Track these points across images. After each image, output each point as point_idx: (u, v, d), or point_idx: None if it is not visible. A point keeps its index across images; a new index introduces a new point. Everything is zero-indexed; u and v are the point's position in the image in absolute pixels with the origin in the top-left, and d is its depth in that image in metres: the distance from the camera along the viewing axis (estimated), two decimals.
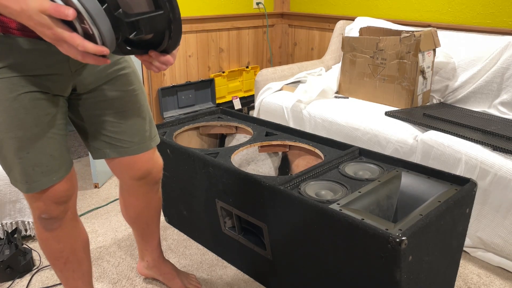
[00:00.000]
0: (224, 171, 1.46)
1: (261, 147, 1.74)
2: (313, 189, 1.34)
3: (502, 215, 1.60)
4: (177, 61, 3.02)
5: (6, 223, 1.77)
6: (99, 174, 2.33)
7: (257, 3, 3.38)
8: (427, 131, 1.89)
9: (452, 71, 2.26)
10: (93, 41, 0.77)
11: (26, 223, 1.79)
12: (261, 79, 2.59)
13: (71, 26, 0.77)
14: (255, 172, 1.85)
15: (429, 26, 2.51)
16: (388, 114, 2.08)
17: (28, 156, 0.97)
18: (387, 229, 1.06)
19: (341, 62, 2.52)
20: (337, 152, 1.58)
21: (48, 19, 0.75)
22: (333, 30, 3.00)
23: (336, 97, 2.46)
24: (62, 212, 1.09)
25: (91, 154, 1.18)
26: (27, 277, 1.63)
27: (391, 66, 2.23)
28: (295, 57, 3.55)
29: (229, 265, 1.71)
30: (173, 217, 1.94)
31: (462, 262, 1.71)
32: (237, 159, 1.81)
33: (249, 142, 1.70)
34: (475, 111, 2.15)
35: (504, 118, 2.03)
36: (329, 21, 3.18)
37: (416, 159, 1.86)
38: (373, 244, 1.07)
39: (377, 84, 2.32)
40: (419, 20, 2.64)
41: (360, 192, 1.30)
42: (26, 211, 1.78)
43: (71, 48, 0.78)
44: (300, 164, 1.76)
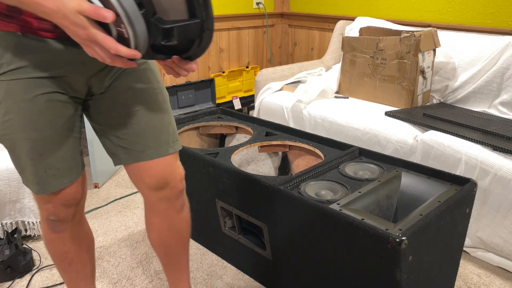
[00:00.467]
0: (224, 171, 1.46)
1: (261, 147, 1.74)
2: (313, 189, 1.34)
3: (502, 215, 1.60)
4: None
5: (6, 223, 1.77)
6: (99, 174, 2.33)
7: (257, 3, 3.38)
8: (427, 131, 1.89)
9: (452, 71, 2.26)
10: (125, 45, 0.76)
11: (26, 223, 1.79)
12: (261, 79, 2.59)
13: (104, 27, 0.77)
14: (255, 172, 1.85)
15: (429, 26, 2.51)
16: (388, 114, 2.08)
17: (40, 158, 0.96)
18: (387, 229, 1.06)
19: (341, 62, 2.52)
20: (337, 152, 1.58)
21: (85, 20, 0.74)
22: (333, 30, 3.00)
23: (336, 97, 2.46)
24: (70, 215, 1.08)
25: (113, 161, 1.10)
26: (27, 277, 1.63)
27: (391, 66, 2.23)
28: (295, 57, 3.55)
29: (229, 265, 1.71)
30: None
31: (462, 262, 1.71)
32: (237, 159, 1.81)
33: (249, 142, 1.70)
34: (475, 111, 2.15)
35: (504, 118, 2.03)
36: (329, 21, 3.18)
37: (416, 159, 1.86)
38: (373, 244, 1.07)
39: (377, 84, 2.32)
40: (419, 20, 2.64)
41: (360, 192, 1.30)
42: (26, 211, 1.78)
43: (101, 50, 0.77)
44: (300, 164, 1.76)
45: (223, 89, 3.23)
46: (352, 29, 2.71)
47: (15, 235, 1.68)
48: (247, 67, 3.40)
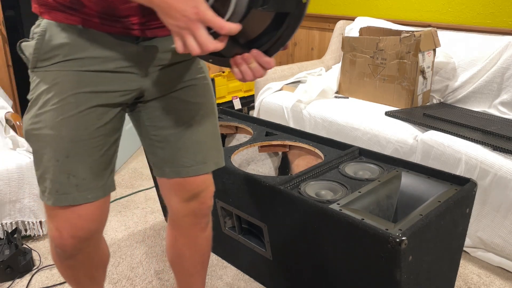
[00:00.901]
0: (224, 171, 1.46)
1: (261, 147, 1.74)
2: (313, 189, 1.34)
3: (502, 215, 1.60)
4: None
5: (6, 223, 1.76)
6: None
7: None
8: (427, 131, 1.89)
9: (452, 71, 2.26)
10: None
11: (26, 223, 1.79)
12: (261, 79, 2.59)
13: None
14: (255, 172, 1.85)
15: (429, 26, 2.51)
16: (388, 114, 2.08)
17: (66, 161, 0.86)
18: (387, 229, 1.06)
19: (341, 62, 2.52)
20: (337, 152, 1.58)
21: None
22: (333, 30, 3.00)
23: (336, 97, 2.46)
24: (79, 250, 0.95)
25: (153, 171, 1.05)
26: (27, 277, 1.63)
27: (391, 66, 2.23)
28: (295, 57, 3.55)
29: (229, 265, 1.71)
30: None
31: (462, 262, 1.71)
32: (237, 159, 1.81)
33: (249, 142, 1.70)
34: (475, 111, 2.15)
35: (504, 118, 2.03)
36: (329, 21, 3.18)
37: (416, 159, 1.86)
38: (373, 244, 1.07)
39: (377, 84, 2.32)
40: (419, 20, 2.64)
41: (360, 192, 1.29)
42: (26, 211, 1.78)
43: (201, 36, 0.68)
44: (300, 164, 1.76)
45: (223, 89, 3.23)
46: (352, 29, 2.71)
47: (15, 235, 1.68)
48: None
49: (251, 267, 1.62)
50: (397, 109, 2.19)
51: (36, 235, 1.84)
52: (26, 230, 1.81)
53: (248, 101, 3.41)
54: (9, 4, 2.88)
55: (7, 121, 2.02)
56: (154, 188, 2.26)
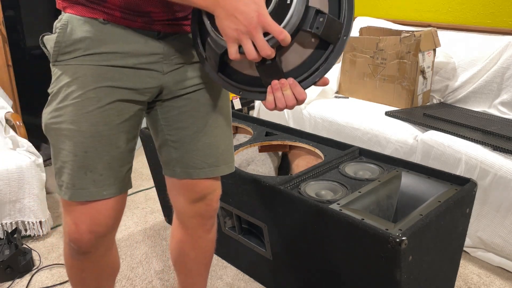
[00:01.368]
0: None
1: (261, 147, 1.74)
2: (313, 189, 1.34)
3: (502, 215, 1.60)
4: None
5: (6, 223, 1.76)
6: None
7: None
8: (427, 131, 1.89)
9: (452, 71, 2.26)
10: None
11: (26, 223, 1.79)
12: None
13: None
14: (255, 172, 1.85)
15: (429, 26, 2.51)
16: (388, 114, 2.08)
17: (85, 156, 0.86)
18: (387, 229, 1.06)
19: (341, 62, 2.52)
20: (337, 152, 1.58)
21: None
22: None
23: (336, 97, 2.46)
24: (94, 247, 0.94)
25: (163, 170, 1.05)
26: (27, 277, 1.63)
27: (391, 66, 2.23)
28: None
29: (229, 265, 1.71)
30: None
31: (462, 262, 1.71)
32: (237, 159, 1.81)
33: (249, 142, 1.69)
34: (475, 111, 2.15)
35: (504, 118, 2.03)
36: None
37: (416, 159, 1.86)
38: (373, 244, 1.07)
39: (377, 84, 2.32)
40: (419, 20, 2.64)
41: (360, 192, 1.29)
42: (26, 211, 1.78)
43: (259, 35, 0.71)
44: (300, 164, 1.76)
45: None
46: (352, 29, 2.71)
47: (15, 235, 1.68)
48: None
49: (251, 267, 1.62)
50: (397, 109, 2.19)
51: (36, 235, 1.84)
52: (26, 230, 1.81)
53: (248, 101, 3.40)
54: (9, 4, 2.88)
55: (7, 121, 2.02)
56: (154, 188, 2.26)
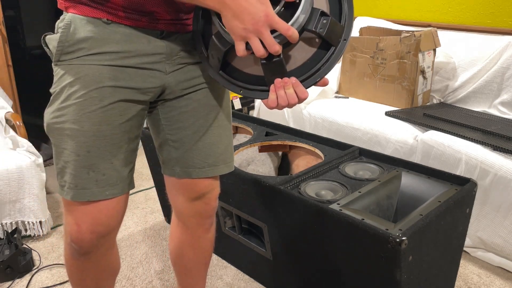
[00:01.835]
0: None
1: (261, 147, 1.74)
2: (313, 189, 1.34)
3: (502, 215, 1.60)
4: None
5: (6, 223, 1.76)
6: None
7: None
8: (427, 131, 1.89)
9: (452, 71, 2.26)
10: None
11: (26, 223, 1.79)
12: None
13: None
14: (255, 172, 1.85)
15: (429, 26, 2.51)
16: (388, 114, 2.08)
17: (87, 156, 0.86)
18: (387, 229, 1.06)
19: (341, 62, 2.52)
20: (337, 152, 1.58)
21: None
22: None
23: (336, 97, 2.46)
24: (95, 247, 0.94)
25: (162, 169, 1.05)
26: (27, 277, 1.63)
27: (391, 66, 2.23)
28: None
29: (229, 265, 1.71)
30: None
31: (462, 262, 1.71)
32: (237, 159, 1.81)
33: (249, 142, 1.69)
34: (475, 111, 2.15)
35: (504, 118, 2.03)
36: None
37: (416, 159, 1.86)
38: (373, 244, 1.07)
39: (377, 84, 2.32)
40: (419, 20, 2.64)
41: (360, 192, 1.29)
42: (26, 211, 1.78)
43: (267, 33, 0.73)
44: (300, 164, 1.76)
45: None
46: None
47: (15, 235, 1.68)
48: None
49: (251, 267, 1.62)
50: (397, 109, 2.19)
51: (36, 235, 1.84)
52: (26, 230, 1.81)
53: (248, 101, 3.40)
54: (9, 4, 2.89)
55: (7, 121, 2.02)
56: (154, 188, 2.25)
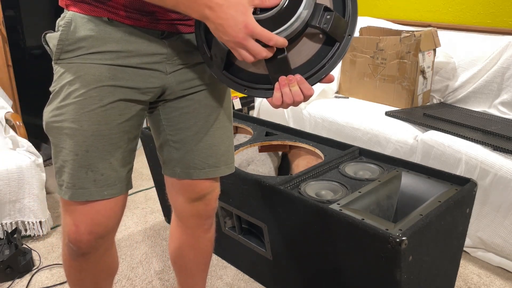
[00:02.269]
0: None
1: (261, 147, 1.74)
2: (313, 189, 1.34)
3: (502, 215, 1.60)
4: None
5: (6, 223, 1.76)
6: None
7: None
8: (427, 131, 1.89)
9: (452, 71, 2.26)
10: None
11: (26, 223, 1.79)
12: None
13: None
14: (255, 172, 1.85)
15: (429, 26, 2.51)
16: (388, 114, 2.08)
17: (85, 155, 0.85)
18: (387, 229, 1.06)
19: (341, 62, 2.52)
20: (337, 152, 1.58)
21: (249, 8, 0.73)
22: None
23: (336, 97, 2.46)
24: (93, 248, 0.93)
25: (163, 169, 1.05)
26: (27, 277, 1.63)
27: (391, 66, 2.23)
28: None
29: (229, 265, 1.71)
30: None
31: (462, 262, 1.71)
32: (237, 159, 1.81)
33: (249, 142, 1.69)
34: (475, 111, 2.15)
35: (504, 118, 2.03)
36: None
37: (416, 159, 1.86)
38: (373, 244, 1.07)
39: (377, 84, 2.32)
40: (419, 20, 2.64)
41: (360, 192, 1.29)
42: (26, 211, 1.78)
43: (250, 44, 0.74)
44: (300, 164, 1.76)
45: None
46: None
47: (15, 235, 1.68)
48: None
49: (251, 267, 1.62)
50: (397, 109, 2.19)
51: (36, 235, 1.84)
52: (26, 230, 1.81)
53: (248, 101, 3.40)
54: (9, 4, 2.88)
55: (7, 121, 2.02)
56: (154, 188, 2.25)
